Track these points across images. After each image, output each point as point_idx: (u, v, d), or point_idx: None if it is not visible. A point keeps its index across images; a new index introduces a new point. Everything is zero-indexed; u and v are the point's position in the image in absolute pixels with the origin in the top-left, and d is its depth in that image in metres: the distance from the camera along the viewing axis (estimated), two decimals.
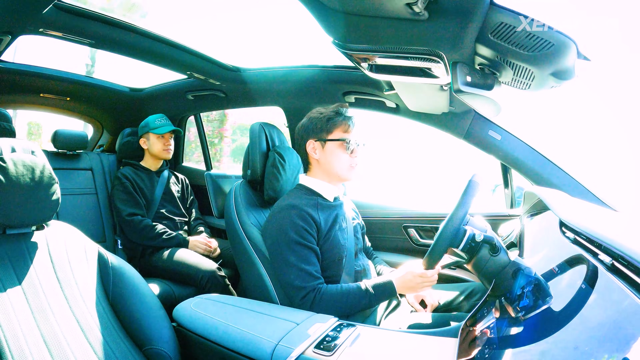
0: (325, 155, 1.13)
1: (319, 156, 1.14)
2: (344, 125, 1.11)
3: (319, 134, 1.13)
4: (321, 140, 1.13)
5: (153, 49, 1.50)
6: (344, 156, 1.11)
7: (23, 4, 1.09)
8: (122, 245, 1.80)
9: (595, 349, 0.43)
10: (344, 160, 1.12)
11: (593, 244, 0.65)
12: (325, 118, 1.12)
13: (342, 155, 1.11)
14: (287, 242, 1.03)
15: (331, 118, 1.11)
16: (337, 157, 1.11)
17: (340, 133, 1.11)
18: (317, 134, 1.13)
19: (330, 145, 1.12)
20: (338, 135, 1.11)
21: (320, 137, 1.13)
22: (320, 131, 1.12)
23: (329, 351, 0.75)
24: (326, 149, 1.12)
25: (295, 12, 44.73)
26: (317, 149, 1.14)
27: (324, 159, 1.13)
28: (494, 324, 0.71)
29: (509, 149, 1.38)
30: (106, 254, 0.98)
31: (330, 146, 1.12)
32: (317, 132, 1.13)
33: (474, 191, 0.87)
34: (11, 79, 1.88)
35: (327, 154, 1.13)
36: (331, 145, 1.12)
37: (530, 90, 0.97)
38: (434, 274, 1.02)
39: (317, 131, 1.13)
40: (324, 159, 1.13)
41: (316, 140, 1.13)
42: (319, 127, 1.12)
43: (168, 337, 0.92)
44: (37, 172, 0.87)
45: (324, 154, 1.13)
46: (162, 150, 1.89)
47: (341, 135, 1.11)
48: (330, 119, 1.11)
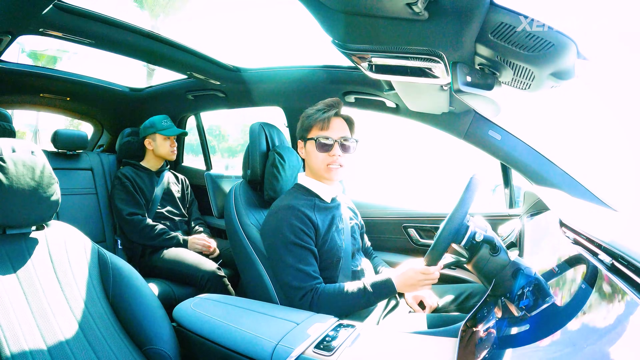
0: (307, 155, 1.14)
1: (305, 156, 1.15)
2: (320, 123, 1.09)
3: (302, 133, 1.14)
4: (303, 139, 1.14)
5: (153, 49, 1.51)
6: (320, 155, 1.09)
7: (23, 4, 1.09)
8: (122, 245, 1.80)
9: (595, 348, 0.43)
10: (320, 159, 1.10)
11: (593, 244, 0.65)
12: (306, 116, 1.12)
13: (318, 154, 1.09)
14: (284, 242, 1.03)
15: (310, 116, 1.11)
16: (314, 156, 1.10)
17: (317, 131, 1.10)
18: (300, 133, 1.14)
19: (309, 145, 1.12)
20: (314, 134, 1.11)
21: (302, 136, 1.14)
22: (302, 130, 1.13)
23: (329, 351, 0.75)
24: (307, 148, 1.13)
25: (295, 12, 44.72)
26: (302, 149, 1.15)
27: (307, 158, 1.14)
28: (494, 324, 0.71)
29: (509, 149, 1.38)
30: (106, 254, 0.98)
31: (309, 145, 1.12)
32: (301, 131, 1.14)
33: (475, 190, 0.87)
34: (11, 79, 1.88)
35: (308, 153, 1.13)
36: (309, 145, 1.12)
37: (530, 90, 0.97)
38: (436, 271, 1.00)
39: (301, 130, 1.14)
40: (307, 159, 1.14)
41: (300, 139, 1.15)
42: (302, 127, 1.13)
43: (168, 337, 0.92)
44: (37, 172, 0.87)
45: (306, 153, 1.14)
46: (168, 151, 1.90)
47: (316, 134, 1.10)
48: (309, 117, 1.11)
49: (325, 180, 1.13)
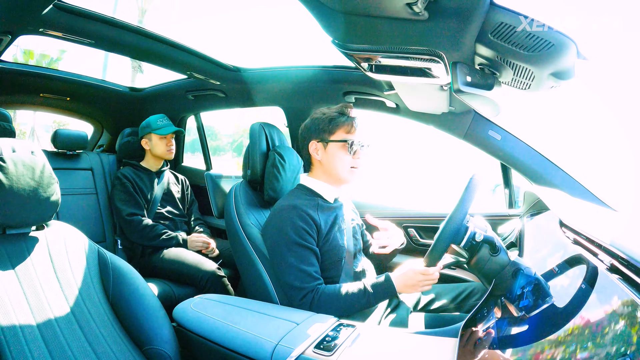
0: (327, 157, 1.13)
1: (321, 157, 1.13)
2: (347, 126, 1.11)
3: (322, 135, 1.12)
4: (323, 141, 1.12)
5: (153, 49, 1.50)
6: (346, 157, 1.11)
7: (23, 4, 1.09)
8: (122, 245, 1.80)
9: (595, 348, 0.43)
10: (345, 161, 1.11)
11: (593, 244, 0.65)
12: (328, 119, 1.11)
13: (344, 156, 1.10)
14: (287, 242, 1.03)
15: (334, 119, 1.11)
16: (339, 158, 1.11)
17: (343, 134, 1.11)
18: (319, 134, 1.13)
19: (333, 147, 1.11)
20: (340, 136, 1.11)
21: (322, 137, 1.12)
22: (323, 132, 1.12)
23: (329, 351, 0.75)
24: (328, 150, 1.12)
25: (295, 12, 44.61)
26: (319, 150, 1.14)
27: (326, 160, 1.13)
28: (494, 324, 0.71)
29: (509, 149, 1.38)
30: (106, 254, 0.97)
31: (332, 147, 1.11)
32: (319, 132, 1.12)
33: (475, 190, 0.87)
34: (11, 79, 1.88)
35: (329, 155, 1.12)
36: (333, 147, 1.11)
37: (530, 90, 0.97)
38: (435, 272, 1.00)
39: (319, 132, 1.12)
40: (326, 160, 1.13)
41: (318, 141, 1.13)
42: (322, 128, 1.12)
43: (168, 337, 0.92)
44: (37, 172, 0.87)
45: (326, 155, 1.13)
46: (164, 151, 1.89)
47: (343, 136, 1.11)
48: (332, 120, 1.11)
49: (344, 182, 1.15)
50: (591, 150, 3.77)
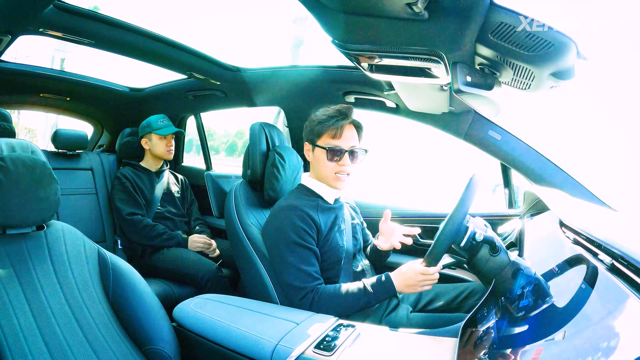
0: (315, 160, 1.12)
1: (312, 159, 1.14)
2: (332, 131, 1.07)
3: (311, 137, 1.12)
4: (312, 144, 1.12)
5: (153, 49, 1.50)
6: (330, 164, 1.08)
7: (23, 4, 1.09)
8: (122, 245, 1.80)
9: (595, 348, 0.43)
10: (329, 168, 1.09)
11: (593, 244, 0.65)
12: (317, 121, 1.10)
13: (327, 163, 1.08)
14: (287, 242, 1.03)
15: (322, 122, 1.09)
16: (323, 164, 1.09)
17: (327, 139, 1.08)
18: (309, 136, 1.12)
19: (317, 151, 1.11)
20: (324, 142, 1.09)
21: (311, 140, 1.12)
22: (312, 134, 1.11)
23: (329, 351, 0.75)
24: (315, 153, 1.12)
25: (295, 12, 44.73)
26: (309, 152, 1.13)
27: (314, 162, 1.13)
28: (494, 324, 0.71)
29: (509, 149, 1.38)
30: (106, 254, 0.97)
31: (317, 152, 1.11)
32: (310, 134, 1.12)
33: (475, 190, 0.87)
34: (11, 79, 1.88)
35: (316, 159, 1.12)
36: (318, 151, 1.10)
37: (530, 90, 0.97)
38: (435, 272, 1.00)
39: (310, 134, 1.12)
40: (314, 163, 1.13)
41: (309, 143, 1.13)
42: (311, 130, 1.11)
43: (168, 337, 0.92)
44: (37, 172, 0.87)
45: (314, 158, 1.13)
46: (164, 151, 1.89)
47: (327, 142, 1.08)
48: (320, 123, 1.09)
49: (332, 187, 1.14)
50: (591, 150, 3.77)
